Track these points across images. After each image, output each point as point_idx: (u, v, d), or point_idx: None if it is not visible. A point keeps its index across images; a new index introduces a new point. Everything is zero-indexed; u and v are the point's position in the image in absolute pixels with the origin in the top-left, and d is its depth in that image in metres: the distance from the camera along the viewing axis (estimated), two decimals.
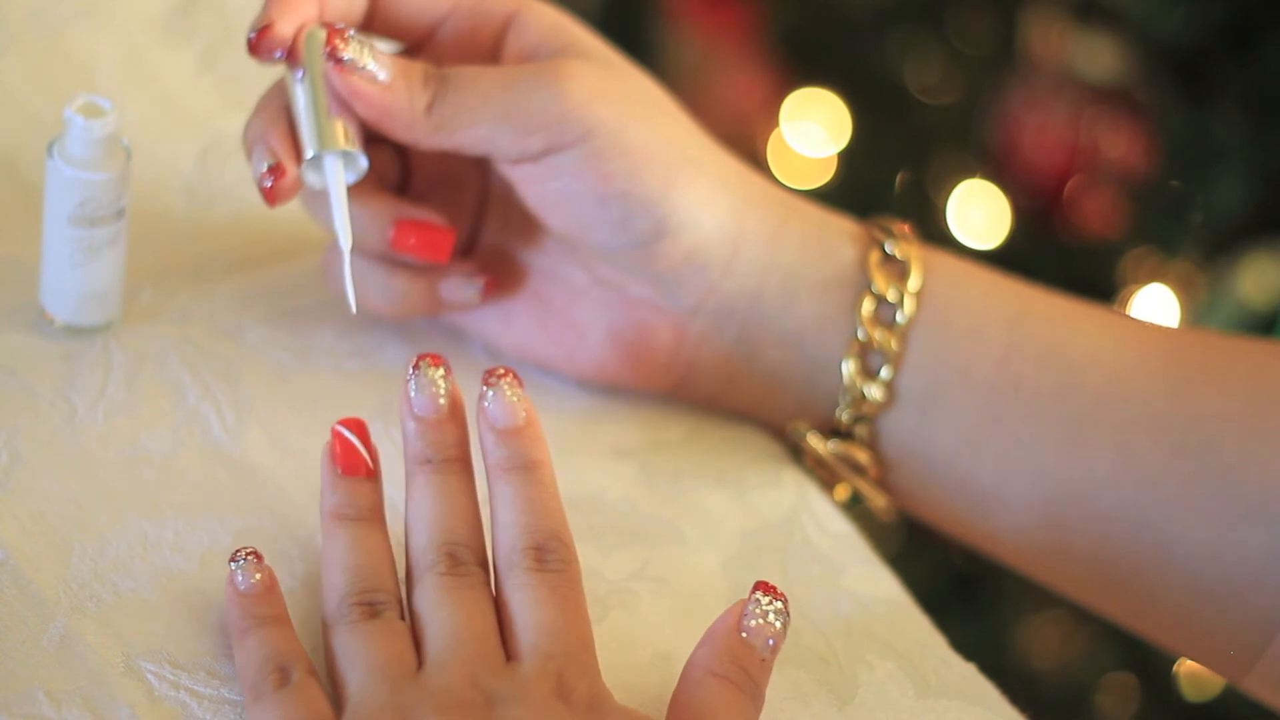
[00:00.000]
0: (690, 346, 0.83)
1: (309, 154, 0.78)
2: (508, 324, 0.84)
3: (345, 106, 0.79)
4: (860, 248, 0.83)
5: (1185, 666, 1.51)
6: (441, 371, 0.76)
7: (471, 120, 0.78)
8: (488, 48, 0.81)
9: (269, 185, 0.78)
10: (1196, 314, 1.56)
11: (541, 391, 0.84)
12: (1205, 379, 0.81)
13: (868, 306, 0.82)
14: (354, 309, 0.79)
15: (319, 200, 0.81)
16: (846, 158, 1.65)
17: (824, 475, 0.85)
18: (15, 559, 0.74)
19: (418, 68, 0.79)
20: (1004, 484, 0.82)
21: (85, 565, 0.74)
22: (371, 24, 0.81)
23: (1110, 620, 0.86)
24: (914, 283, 0.83)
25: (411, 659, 0.71)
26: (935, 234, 1.62)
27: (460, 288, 0.83)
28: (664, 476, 0.83)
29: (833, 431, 0.84)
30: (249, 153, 0.79)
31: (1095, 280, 1.60)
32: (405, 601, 0.73)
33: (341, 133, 0.79)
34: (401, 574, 0.74)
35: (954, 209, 1.63)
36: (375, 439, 0.77)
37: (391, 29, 0.82)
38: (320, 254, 0.85)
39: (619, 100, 0.79)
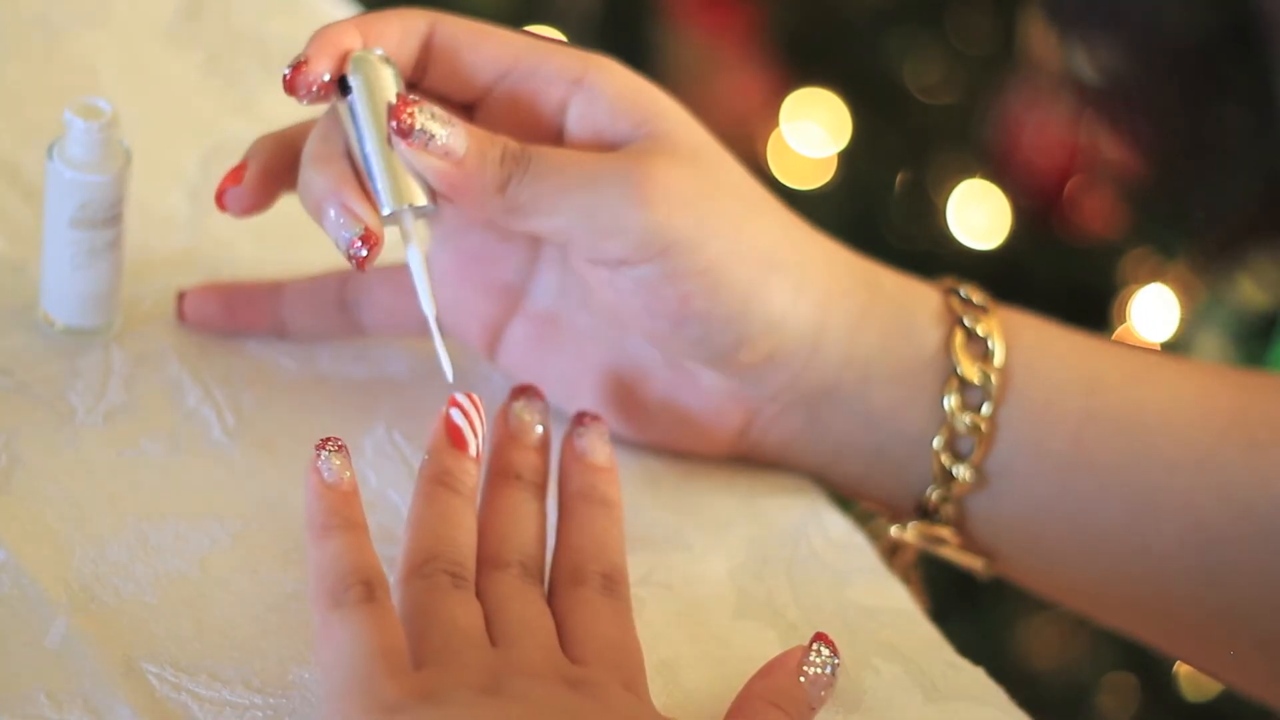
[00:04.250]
0: (759, 429, 0.82)
1: (386, 210, 0.74)
2: (567, 387, 0.82)
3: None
4: (944, 328, 0.81)
5: (1185, 666, 1.51)
6: (541, 405, 0.78)
7: (548, 210, 0.75)
8: (550, 114, 0.77)
9: (363, 255, 0.74)
10: (1196, 314, 1.56)
11: None
12: (1273, 435, 0.80)
13: (955, 391, 0.81)
14: (450, 375, 0.76)
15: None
16: (846, 158, 1.65)
17: (897, 563, 0.84)
18: (16, 560, 0.74)
19: (497, 143, 0.75)
20: (1068, 546, 0.82)
21: (86, 567, 0.74)
22: (423, 74, 0.77)
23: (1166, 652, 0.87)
24: (998, 362, 0.81)
25: (486, 636, 0.71)
26: (935, 234, 1.62)
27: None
28: (671, 480, 0.83)
29: (919, 510, 0.83)
30: (317, 210, 0.75)
31: (1095, 280, 1.60)
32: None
33: (417, 186, 0.75)
34: None
35: (954, 209, 1.63)
36: (378, 445, 0.77)
37: (444, 82, 0.77)
38: (320, 257, 0.85)
39: (702, 207, 0.76)
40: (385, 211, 0.74)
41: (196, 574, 0.75)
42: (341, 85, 0.75)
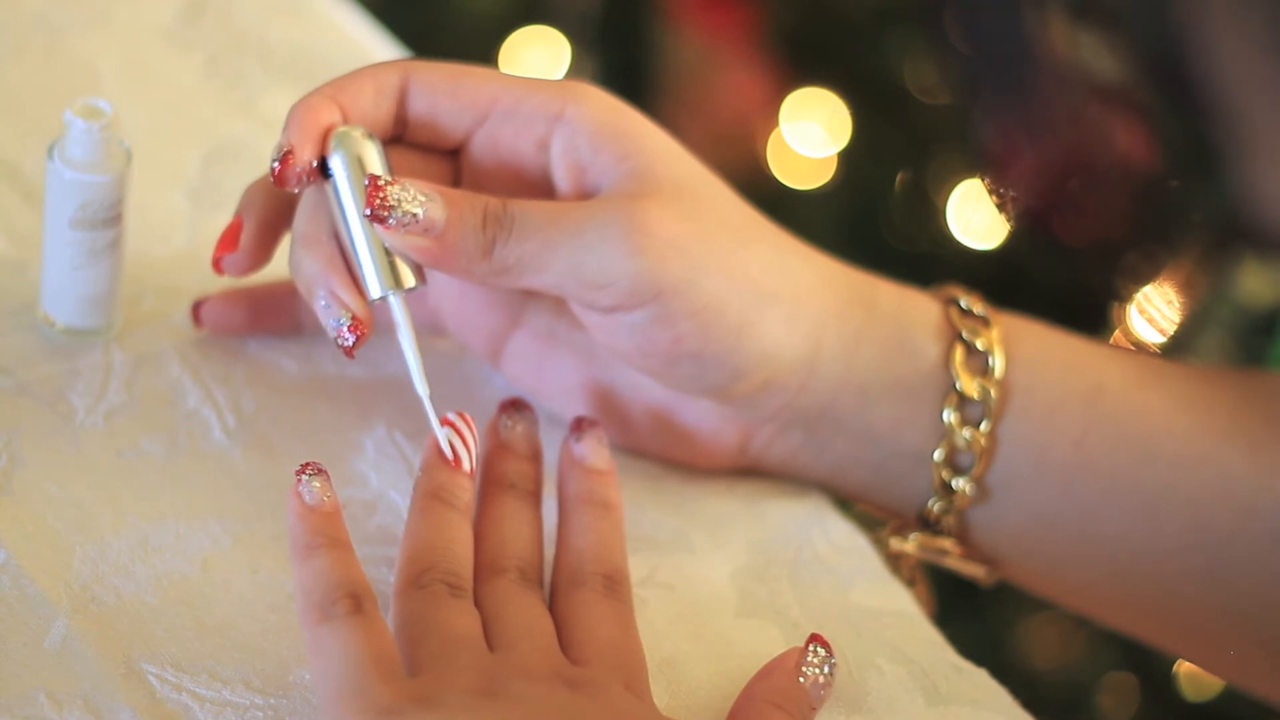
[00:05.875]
0: (758, 446, 0.82)
1: (374, 296, 0.74)
2: (566, 399, 0.82)
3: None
4: (943, 343, 0.81)
5: (1185, 666, 1.51)
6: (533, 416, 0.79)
7: (537, 269, 0.74)
8: (533, 153, 0.77)
9: (350, 344, 0.74)
10: (1196, 314, 1.56)
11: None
12: (1274, 435, 0.80)
13: (954, 407, 0.81)
14: (449, 452, 0.75)
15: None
16: (846, 158, 1.65)
17: (904, 565, 0.84)
18: (17, 560, 0.74)
19: (477, 206, 0.74)
20: (1071, 550, 0.82)
21: (86, 567, 0.74)
22: (403, 129, 0.76)
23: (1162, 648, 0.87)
24: (998, 375, 0.81)
25: (484, 641, 0.71)
26: (935, 234, 1.62)
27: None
28: (673, 482, 0.83)
29: (921, 521, 0.83)
30: (308, 294, 0.75)
31: (1095, 281, 1.60)
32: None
33: (404, 267, 0.74)
34: None
35: (954, 209, 1.63)
36: (379, 444, 0.77)
37: (425, 133, 0.76)
38: None
39: (691, 247, 0.75)
40: (373, 297, 0.74)
41: (197, 574, 0.75)
42: (322, 167, 0.74)
